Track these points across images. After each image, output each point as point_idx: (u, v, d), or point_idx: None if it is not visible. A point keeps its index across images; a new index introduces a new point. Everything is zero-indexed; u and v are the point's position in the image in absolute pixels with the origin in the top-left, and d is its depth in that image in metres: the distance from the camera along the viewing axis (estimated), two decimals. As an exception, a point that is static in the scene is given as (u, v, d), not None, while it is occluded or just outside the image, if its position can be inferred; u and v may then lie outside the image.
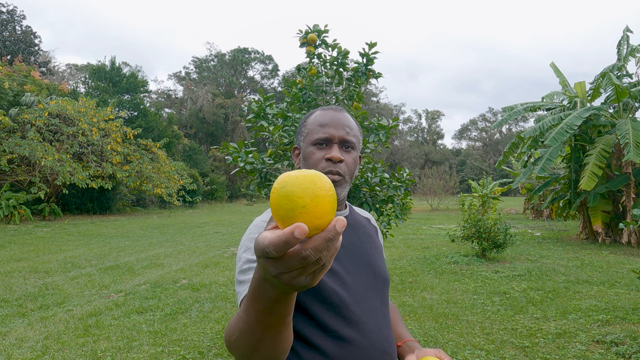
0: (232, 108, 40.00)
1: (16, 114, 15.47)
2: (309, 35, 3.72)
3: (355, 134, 1.07)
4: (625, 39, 10.28)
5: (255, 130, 3.69)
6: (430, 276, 6.35)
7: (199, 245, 9.75)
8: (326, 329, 0.92)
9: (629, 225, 8.01)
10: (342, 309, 0.94)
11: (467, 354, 3.46)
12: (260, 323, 0.63)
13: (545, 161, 9.49)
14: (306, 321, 0.92)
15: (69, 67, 41.71)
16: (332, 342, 0.92)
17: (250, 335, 0.65)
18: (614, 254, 8.24)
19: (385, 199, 3.58)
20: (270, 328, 0.63)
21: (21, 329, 4.06)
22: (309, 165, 1.04)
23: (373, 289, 1.03)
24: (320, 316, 0.92)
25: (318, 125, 1.05)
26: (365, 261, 1.04)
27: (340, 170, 1.01)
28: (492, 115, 65.05)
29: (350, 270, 1.00)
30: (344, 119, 1.06)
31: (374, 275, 1.04)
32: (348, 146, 1.05)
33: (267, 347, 0.67)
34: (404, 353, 1.09)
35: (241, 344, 0.67)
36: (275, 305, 0.59)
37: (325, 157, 1.02)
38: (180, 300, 5.09)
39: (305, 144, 1.06)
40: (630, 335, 3.78)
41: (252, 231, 0.99)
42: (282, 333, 0.66)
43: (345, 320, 0.94)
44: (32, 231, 11.99)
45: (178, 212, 22.26)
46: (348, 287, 0.97)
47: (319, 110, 1.09)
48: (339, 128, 1.04)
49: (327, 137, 1.03)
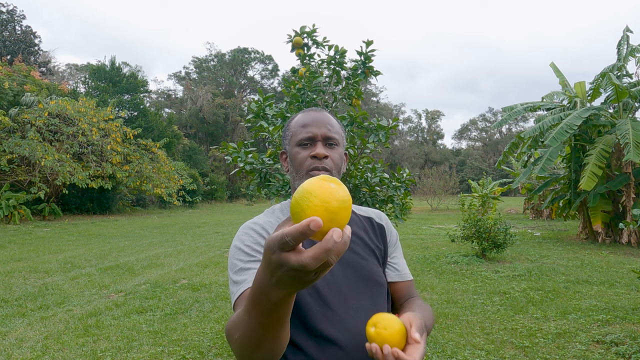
0: (232, 108, 40.01)
1: (16, 114, 15.47)
2: (295, 39, 3.73)
3: (337, 130, 1.10)
4: (625, 39, 10.28)
5: (254, 130, 3.69)
6: (430, 276, 6.35)
7: (199, 245, 9.75)
8: (308, 328, 0.93)
9: (629, 225, 8.00)
10: (323, 309, 0.94)
11: (467, 354, 3.46)
12: (261, 324, 0.64)
13: (545, 161, 9.49)
14: (291, 321, 0.92)
15: (68, 67, 41.71)
16: (315, 342, 0.93)
17: (251, 336, 0.67)
18: (614, 254, 8.24)
19: (385, 199, 3.58)
20: (270, 328, 0.65)
21: (21, 329, 4.06)
22: (296, 165, 1.07)
23: (359, 290, 1.01)
24: (302, 316, 0.93)
25: (300, 126, 1.08)
26: (353, 261, 1.03)
27: (326, 166, 1.04)
28: (492, 115, 65.10)
29: (334, 270, 0.99)
30: (324, 118, 1.09)
31: (362, 276, 1.02)
32: (332, 143, 1.07)
33: (267, 346, 0.69)
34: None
35: (243, 344, 0.70)
36: (276, 307, 0.60)
37: (311, 154, 1.04)
38: (180, 300, 5.09)
39: (291, 146, 1.09)
40: (630, 335, 3.78)
41: (242, 232, 1.01)
42: (282, 332, 0.68)
43: (328, 319, 0.94)
44: (32, 231, 11.99)
45: (178, 212, 22.26)
46: (330, 286, 0.97)
47: (301, 113, 1.12)
48: (321, 126, 1.07)
49: (310, 136, 1.06)
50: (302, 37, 3.77)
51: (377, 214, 1.21)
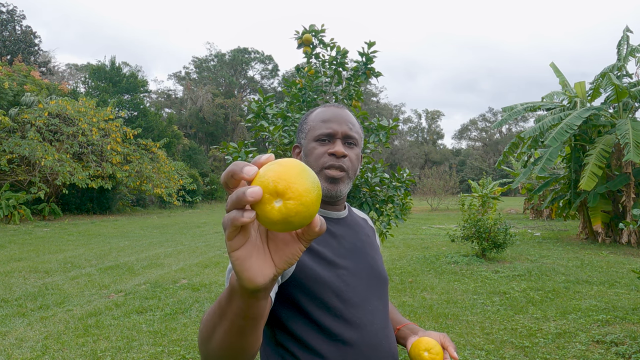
0: (232, 108, 40.01)
1: (16, 114, 15.46)
2: (305, 36, 3.73)
3: (357, 130, 1.06)
4: (625, 39, 10.28)
5: (255, 130, 3.69)
6: (430, 276, 6.35)
7: (198, 245, 9.75)
8: (328, 332, 0.91)
9: (628, 225, 8.00)
10: (344, 312, 0.93)
11: (467, 354, 3.46)
12: (220, 302, 0.60)
13: (545, 161, 9.49)
14: (307, 325, 0.91)
15: (68, 67, 41.73)
16: (333, 345, 0.91)
17: (211, 318, 0.62)
18: (614, 254, 8.23)
19: (385, 199, 3.58)
20: (224, 319, 0.59)
21: (21, 329, 4.06)
22: (310, 161, 1.02)
23: (374, 290, 1.02)
24: (321, 320, 0.91)
25: (320, 121, 1.04)
26: (367, 262, 1.04)
27: (343, 165, 1.00)
28: (492, 115, 65.11)
29: (353, 271, 0.99)
30: (346, 115, 1.05)
31: (374, 276, 1.04)
32: (351, 142, 1.03)
33: (221, 334, 0.62)
34: (406, 336, 1.09)
35: (202, 332, 0.65)
36: (244, 308, 0.55)
37: (329, 151, 1.00)
38: (180, 300, 5.08)
39: (307, 140, 1.05)
40: (630, 335, 3.78)
41: None
42: (242, 322, 0.60)
43: (347, 322, 0.93)
44: (32, 231, 11.99)
45: (178, 212, 22.26)
46: (351, 288, 0.96)
47: (321, 107, 1.08)
48: (342, 124, 1.02)
49: (331, 132, 1.01)
50: (311, 35, 3.77)
51: (367, 217, 1.24)
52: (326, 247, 0.98)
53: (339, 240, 1.01)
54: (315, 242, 0.97)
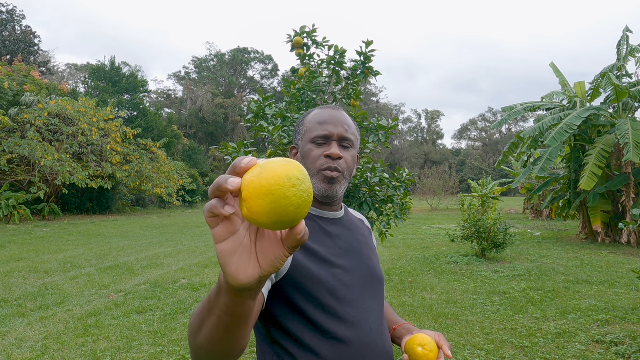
0: (231, 108, 40.02)
1: (16, 114, 15.46)
2: (295, 39, 3.73)
3: (353, 132, 1.07)
4: (625, 39, 10.29)
5: (254, 130, 3.68)
6: (430, 276, 6.35)
7: (198, 245, 9.75)
8: (322, 330, 0.92)
9: (628, 225, 8.00)
10: (338, 310, 0.94)
11: (467, 354, 3.46)
12: (210, 298, 0.60)
13: (545, 161, 9.49)
14: (302, 323, 0.92)
15: (68, 67, 41.71)
16: (328, 343, 0.92)
17: (201, 312, 0.63)
18: (614, 254, 8.24)
19: (385, 199, 3.58)
20: (212, 314, 0.60)
21: (21, 329, 4.06)
22: (307, 163, 1.04)
23: (369, 289, 1.03)
24: (316, 318, 0.92)
25: (317, 123, 1.05)
26: (363, 262, 1.05)
27: (339, 167, 1.02)
28: (491, 115, 65.12)
29: (349, 271, 1.01)
30: (342, 117, 1.06)
31: (370, 276, 1.05)
32: (347, 145, 1.05)
33: (209, 328, 0.62)
34: (402, 335, 1.10)
35: (192, 324, 0.66)
36: (231, 305, 0.56)
37: (325, 153, 1.02)
38: (180, 300, 5.08)
39: (304, 142, 1.06)
40: (630, 335, 3.78)
41: None
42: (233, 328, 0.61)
43: (342, 320, 0.94)
44: (31, 231, 11.98)
45: (178, 212, 22.26)
46: (346, 287, 0.98)
47: (318, 109, 1.09)
48: (338, 126, 1.04)
49: (326, 134, 1.03)
50: (302, 37, 3.77)
51: (363, 217, 1.25)
52: (322, 246, 0.99)
53: (335, 240, 1.03)
54: (311, 241, 0.98)
